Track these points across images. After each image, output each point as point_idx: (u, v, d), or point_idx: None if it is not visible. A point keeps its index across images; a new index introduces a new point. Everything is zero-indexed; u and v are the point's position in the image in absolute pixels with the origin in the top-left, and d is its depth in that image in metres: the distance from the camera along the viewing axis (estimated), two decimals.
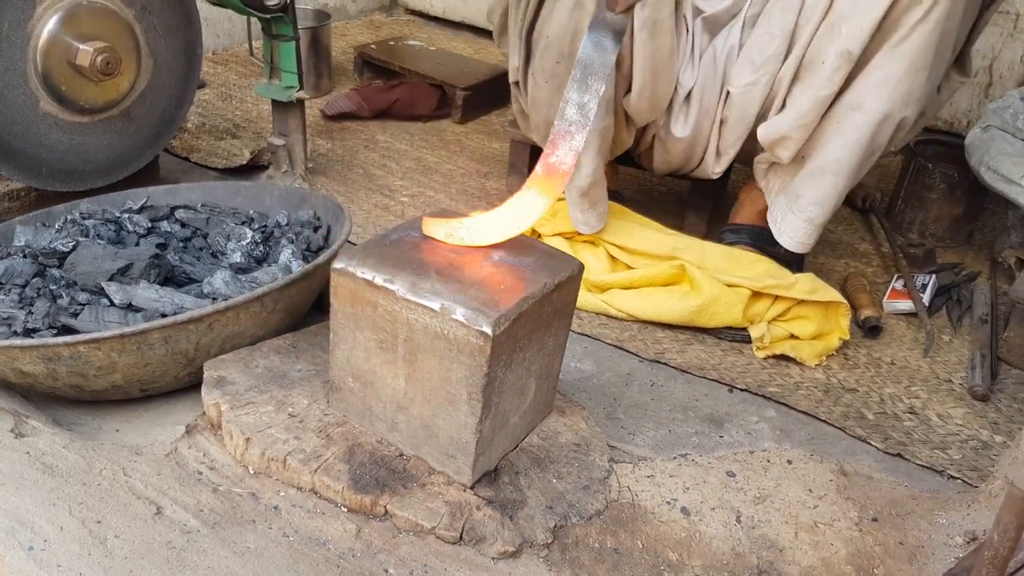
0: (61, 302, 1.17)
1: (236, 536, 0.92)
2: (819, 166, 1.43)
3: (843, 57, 1.33)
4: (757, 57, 1.45)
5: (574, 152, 1.02)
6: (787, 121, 1.43)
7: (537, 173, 1.04)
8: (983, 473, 1.26)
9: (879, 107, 1.35)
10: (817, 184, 1.45)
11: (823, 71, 1.36)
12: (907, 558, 1.02)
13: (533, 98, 1.55)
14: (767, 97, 1.47)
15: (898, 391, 1.45)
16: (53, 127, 1.46)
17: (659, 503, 1.09)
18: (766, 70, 1.44)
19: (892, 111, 1.35)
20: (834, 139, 1.40)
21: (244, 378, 1.13)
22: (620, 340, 1.50)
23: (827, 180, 1.43)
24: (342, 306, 1.02)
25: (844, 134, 1.39)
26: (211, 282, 1.21)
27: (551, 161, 1.04)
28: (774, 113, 1.48)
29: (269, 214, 1.55)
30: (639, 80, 1.46)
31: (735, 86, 1.49)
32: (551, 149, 1.02)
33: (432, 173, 2.11)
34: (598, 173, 1.55)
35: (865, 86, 1.35)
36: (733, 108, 1.51)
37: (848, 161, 1.41)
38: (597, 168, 1.54)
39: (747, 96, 1.48)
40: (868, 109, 1.35)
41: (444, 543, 0.97)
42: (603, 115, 1.48)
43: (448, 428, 1.00)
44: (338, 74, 2.65)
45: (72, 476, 0.95)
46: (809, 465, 1.19)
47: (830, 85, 1.36)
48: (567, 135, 1.02)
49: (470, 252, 1.04)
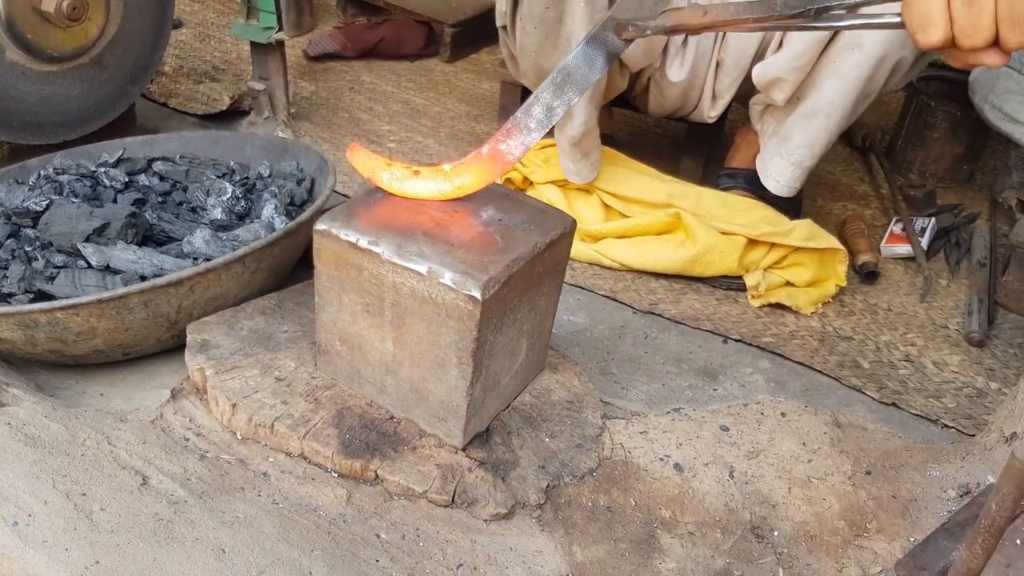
0: (36, 265, 1.14)
1: (225, 505, 0.91)
2: (812, 107, 1.40)
3: None
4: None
5: (525, 147, 0.98)
6: (782, 62, 1.38)
7: (482, 153, 0.99)
8: (977, 422, 1.25)
9: (877, 47, 1.30)
10: (808, 126, 1.41)
11: None
12: (900, 512, 1.02)
13: (521, 44, 1.49)
14: (764, 38, 1.42)
15: (894, 338, 1.44)
16: (21, 77, 1.39)
17: (652, 460, 1.08)
18: None
19: (890, 51, 1.30)
20: (830, 80, 1.36)
21: (229, 341, 1.11)
22: (614, 291, 1.48)
23: (819, 122, 1.40)
24: (326, 268, 0.99)
25: (841, 75, 1.35)
26: (191, 241, 1.17)
27: (500, 148, 0.99)
28: (771, 53, 1.43)
29: (250, 165, 1.50)
30: None
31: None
32: (505, 136, 0.98)
33: (420, 116, 2.05)
34: (590, 122, 1.50)
35: None
36: (729, 49, 1.46)
37: (842, 103, 1.37)
38: (589, 118, 1.49)
39: (742, 36, 1.43)
40: (867, 49, 1.31)
41: (436, 506, 0.96)
42: None
43: (438, 391, 0.98)
44: (320, 9, 2.56)
45: (55, 447, 0.94)
46: (803, 417, 1.18)
47: None
48: (525, 130, 0.97)
49: (458, 211, 1.00)
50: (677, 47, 1.49)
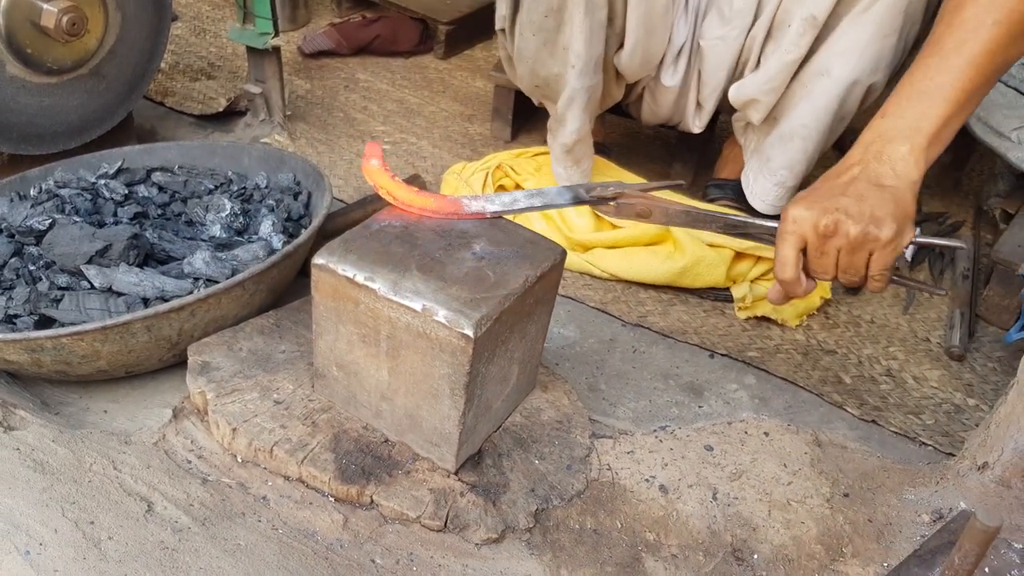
0: (41, 286, 1.16)
1: (226, 532, 0.95)
2: (788, 130, 1.42)
3: (808, 22, 1.30)
4: (727, 10, 1.42)
5: (480, 212, 1.07)
6: (756, 83, 1.41)
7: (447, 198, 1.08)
8: (953, 439, 1.30)
9: (847, 73, 1.32)
10: (786, 148, 1.44)
11: (789, 35, 1.33)
12: (875, 536, 1.07)
13: (519, 49, 1.50)
14: (740, 54, 1.44)
15: (876, 352, 1.48)
16: (21, 90, 1.41)
17: (638, 481, 1.13)
18: (735, 24, 1.41)
19: (860, 78, 1.32)
20: (802, 104, 1.38)
21: (228, 363, 1.14)
22: (603, 303, 1.51)
23: (796, 145, 1.42)
24: (324, 300, 1.02)
25: (812, 99, 1.37)
26: (191, 262, 1.20)
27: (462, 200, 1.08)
28: (750, 71, 1.45)
29: (248, 175, 1.52)
30: (632, 38, 1.41)
31: (705, 38, 1.46)
32: (473, 199, 1.08)
33: (415, 116, 2.07)
34: (583, 131, 1.52)
35: (831, 52, 1.32)
36: (705, 61, 1.48)
37: (816, 127, 1.39)
38: (583, 126, 1.51)
39: (716, 50, 1.45)
40: (836, 75, 1.33)
41: (429, 531, 1.01)
42: (591, 73, 1.44)
43: (432, 419, 1.02)
44: (315, 2, 2.55)
45: (63, 473, 0.97)
46: (785, 437, 1.22)
47: (796, 49, 1.34)
48: (488, 202, 1.08)
49: (451, 244, 1.03)
50: (673, 56, 1.51)
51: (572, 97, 1.47)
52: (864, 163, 0.99)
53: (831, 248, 0.96)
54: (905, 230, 0.94)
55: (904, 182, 0.96)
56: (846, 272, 0.98)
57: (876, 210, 0.93)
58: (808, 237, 0.96)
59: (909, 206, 0.96)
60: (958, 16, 0.97)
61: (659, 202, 1.07)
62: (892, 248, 0.94)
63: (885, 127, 0.99)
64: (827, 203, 0.95)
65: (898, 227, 0.93)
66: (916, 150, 0.97)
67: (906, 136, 0.97)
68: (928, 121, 0.96)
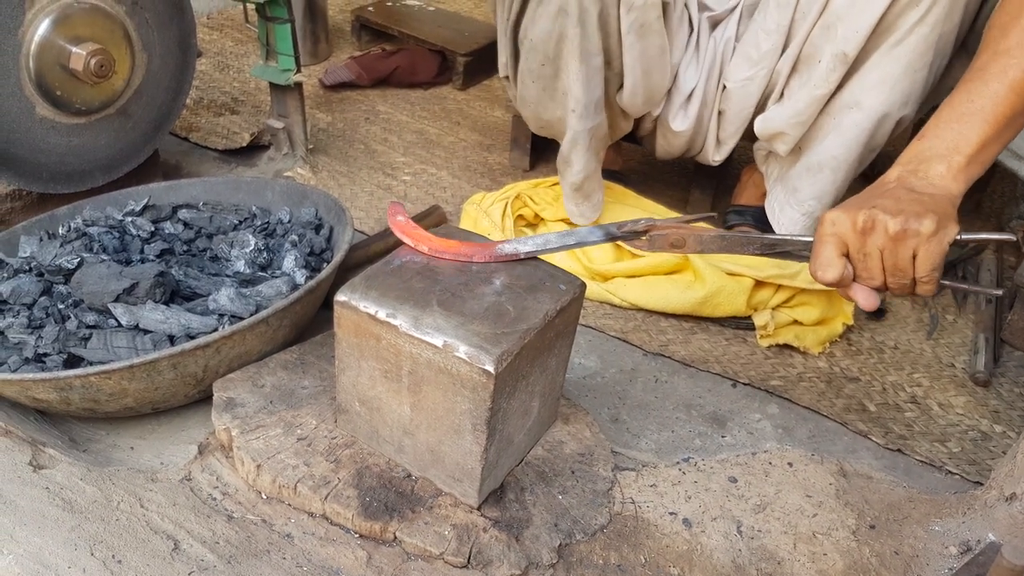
0: (70, 324, 1.18)
1: (252, 570, 0.96)
2: (817, 162, 1.41)
3: (839, 59, 1.30)
4: (754, 53, 1.42)
5: (514, 254, 1.08)
6: (783, 117, 1.41)
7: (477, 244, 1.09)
8: (980, 467, 1.28)
9: (877, 107, 1.32)
10: (815, 179, 1.43)
11: (819, 70, 1.33)
12: (902, 569, 1.05)
13: (522, 96, 1.53)
14: (765, 89, 1.44)
15: (900, 379, 1.47)
16: (51, 131, 1.44)
17: (662, 514, 1.12)
18: (763, 65, 1.41)
19: (891, 111, 1.32)
20: (831, 136, 1.38)
21: (253, 399, 1.15)
22: (624, 332, 1.51)
23: (825, 176, 1.42)
24: (346, 336, 1.03)
25: (841, 131, 1.37)
26: (216, 299, 1.22)
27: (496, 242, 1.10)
28: (773, 103, 1.45)
29: (271, 209, 1.54)
30: (630, 79, 1.43)
31: (732, 81, 1.47)
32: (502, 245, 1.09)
33: (434, 147, 2.09)
34: (590, 168, 1.54)
35: (862, 85, 1.32)
36: (730, 102, 1.49)
37: (846, 158, 1.38)
38: (588, 164, 1.53)
39: (744, 90, 1.46)
40: (866, 108, 1.33)
41: (452, 567, 1.01)
42: (593, 114, 1.46)
43: (454, 455, 1.03)
44: (336, 37, 2.59)
45: (91, 512, 0.99)
46: (809, 467, 1.21)
47: (826, 85, 1.34)
48: (522, 243, 1.09)
49: (471, 280, 1.04)
50: (681, 101, 1.52)
51: (575, 139, 1.49)
52: (901, 179, 0.97)
53: (872, 248, 0.92)
54: (948, 226, 0.90)
55: (942, 192, 0.93)
56: (893, 275, 0.93)
57: (914, 206, 0.90)
58: (847, 238, 0.93)
59: (949, 207, 0.92)
60: (1003, 43, 0.96)
61: (692, 231, 1.06)
62: (936, 243, 0.89)
63: (922, 148, 0.97)
64: (864, 204, 0.93)
65: (939, 222, 0.89)
66: (954, 168, 0.94)
67: (943, 156, 0.95)
68: (966, 142, 0.94)
